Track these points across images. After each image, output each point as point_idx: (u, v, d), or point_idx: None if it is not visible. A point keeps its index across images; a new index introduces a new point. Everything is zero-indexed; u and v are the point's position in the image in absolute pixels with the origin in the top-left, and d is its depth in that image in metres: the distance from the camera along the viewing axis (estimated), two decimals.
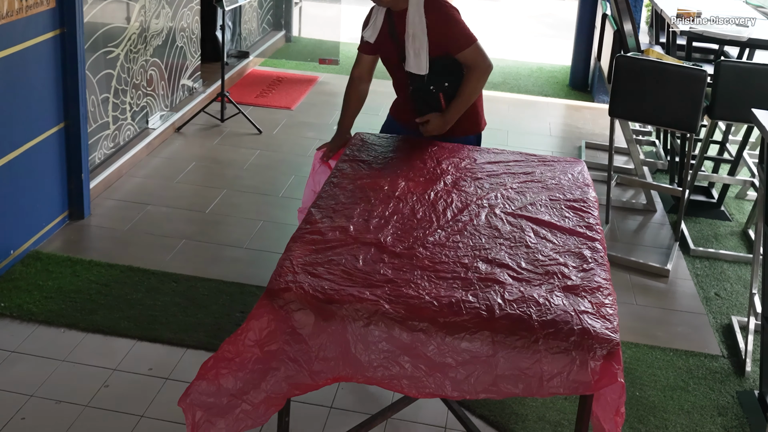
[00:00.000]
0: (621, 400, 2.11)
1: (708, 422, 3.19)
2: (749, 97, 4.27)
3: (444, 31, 3.28)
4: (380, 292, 2.18)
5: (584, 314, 2.15)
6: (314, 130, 6.07)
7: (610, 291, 2.30)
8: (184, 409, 2.22)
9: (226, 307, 3.69)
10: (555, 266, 2.40)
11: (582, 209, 2.80)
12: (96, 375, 3.19)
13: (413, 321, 2.11)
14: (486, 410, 3.14)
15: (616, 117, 4.64)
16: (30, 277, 3.79)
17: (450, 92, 3.37)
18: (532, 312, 2.15)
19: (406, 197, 2.80)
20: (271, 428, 2.94)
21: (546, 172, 3.07)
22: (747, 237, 4.82)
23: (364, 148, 3.28)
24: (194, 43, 6.22)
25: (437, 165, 3.11)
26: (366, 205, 2.72)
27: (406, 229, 2.57)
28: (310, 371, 2.15)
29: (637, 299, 4.07)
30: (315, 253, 2.37)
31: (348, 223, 2.57)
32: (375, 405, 3.14)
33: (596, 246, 2.55)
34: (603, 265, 2.44)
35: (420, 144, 3.33)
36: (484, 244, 2.51)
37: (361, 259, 2.36)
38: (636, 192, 5.39)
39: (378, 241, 2.47)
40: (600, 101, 7.35)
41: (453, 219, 2.66)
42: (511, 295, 2.22)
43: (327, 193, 2.81)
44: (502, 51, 9.24)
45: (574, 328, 2.09)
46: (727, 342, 3.75)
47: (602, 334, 2.08)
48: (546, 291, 2.26)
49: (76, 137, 4.27)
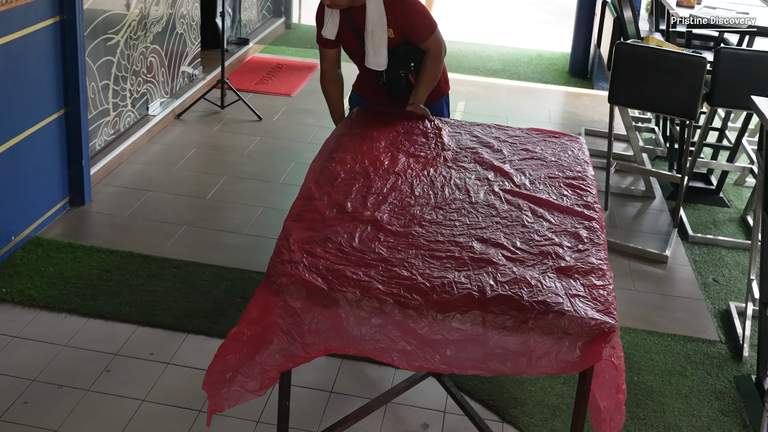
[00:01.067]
0: (620, 378, 2.12)
1: (705, 407, 3.22)
2: (749, 84, 4.27)
3: (407, 23, 3.35)
4: (374, 273, 2.20)
5: (576, 297, 2.17)
6: (314, 116, 6.07)
7: (603, 272, 2.30)
8: (206, 391, 2.25)
9: (227, 292, 3.70)
10: (550, 246, 2.41)
11: (581, 187, 2.80)
12: (97, 360, 3.21)
13: (405, 300, 2.12)
14: (485, 395, 3.16)
15: (616, 104, 4.64)
16: (31, 263, 3.80)
17: (416, 70, 3.45)
18: (524, 293, 2.17)
19: (405, 173, 2.82)
20: (271, 412, 2.97)
21: (546, 148, 3.08)
22: (745, 223, 4.83)
23: (365, 121, 3.28)
24: (194, 30, 6.21)
25: (438, 139, 3.11)
26: (365, 181, 2.73)
27: (404, 206, 2.59)
28: (302, 343, 2.17)
29: (636, 285, 4.09)
30: (312, 231, 2.39)
31: (346, 200, 2.60)
32: (375, 389, 3.16)
33: (593, 225, 2.55)
34: (599, 245, 2.44)
35: (422, 118, 3.34)
36: (480, 222, 2.52)
37: (357, 237, 2.38)
38: (635, 179, 5.40)
39: (375, 219, 2.49)
40: (600, 88, 7.35)
41: (451, 196, 2.68)
42: (504, 276, 2.24)
43: (326, 168, 2.83)
44: (501, 38, 9.23)
45: (564, 311, 2.10)
46: (724, 327, 3.77)
47: (592, 317, 2.09)
48: (539, 272, 2.27)
49: (77, 124, 4.28)
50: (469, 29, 9.70)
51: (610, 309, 2.14)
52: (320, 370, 3.26)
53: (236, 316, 3.54)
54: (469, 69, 7.81)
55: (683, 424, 3.11)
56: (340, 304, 2.13)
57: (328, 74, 3.66)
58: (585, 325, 2.07)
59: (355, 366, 3.30)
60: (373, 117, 3.38)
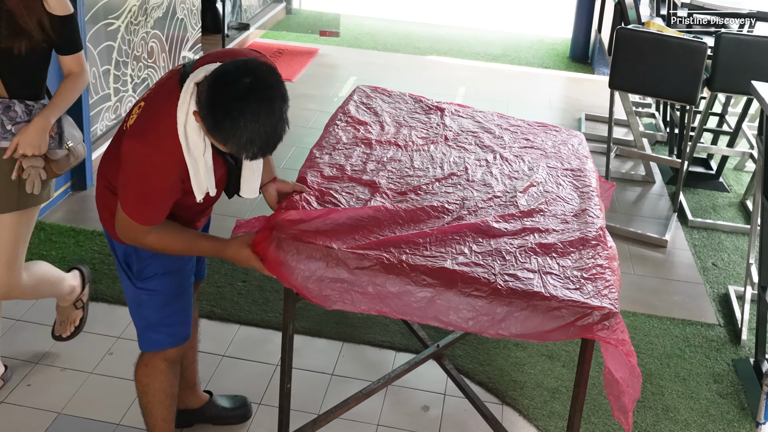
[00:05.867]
0: (625, 347, 2.13)
1: (704, 389, 3.24)
2: (749, 69, 4.28)
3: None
4: (357, 236, 2.26)
5: (548, 275, 2.20)
6: (315, 101, 6.08)
7: (580, 256, 2.32)
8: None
9: (228, 276, 3.72)
10: (536, 225, 2.44)
11: (578, 177, 2.82)
12: (100, 343, 3.24)
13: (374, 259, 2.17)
14: (484, 377, 3.19)
15: (616, 89, 4.65)
16: (33, 248, 3.82)
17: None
18: (496, 265, 2.20)
19: (406, 146, 2.86)
20: (273, 394, 2.99)
21: (547, 140, 3.09)
22: (745, 208, 4.85)
23: (372, 98, 3.28)
24: (195, 15, 6.20)
25: (441, 122, 3.13)
26: (366, 149, 2.80)
27: (402, 176, 2.64)
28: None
29: (636, 269, 4.11)
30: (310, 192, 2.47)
31: (346, 163, 2.67)
32: (375, 372, 3.18)
33: (587, 212, 2.56)
34: (587, 230, 2.44)
35: (425, 102, 3.35)
36: (475, 197, 2.55)
37: (353, 199, 2.46)
38: (635, 163, 5.41)
39: (372, 182, 2.56)
40: (600, 73, 7.34)
41: (450, 172, 2.70)
42: (480, 247, 2.27)
43: (331, 135, 2.89)
44: (502, 22, 9.22)
45: (534, 287, 2.13)
46: (723, 311, 3.79)
47: (561, 295, 2.12)
48: (517, 247, 2.30)
49: (78, 109, 4.28)
50: (470, 14, 9.68)
51: (579, 287, 2.16)
52: (321, 353, 3.29)
53: (237, 300, 3.56)
54: (470, 54, 7.80)
55: (682, 406, 3.14)
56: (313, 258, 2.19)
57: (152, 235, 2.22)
58: (554, 300, 2.11)
59: (355, 349, 3.33)
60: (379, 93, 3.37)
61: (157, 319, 2.40)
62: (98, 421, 2.85)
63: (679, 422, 3.05)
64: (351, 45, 7.79)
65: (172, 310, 2.41)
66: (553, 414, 3.03)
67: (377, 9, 9.38)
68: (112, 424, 2.85)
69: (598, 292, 2.16)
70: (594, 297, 2.13)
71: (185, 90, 2.05)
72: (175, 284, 2.40)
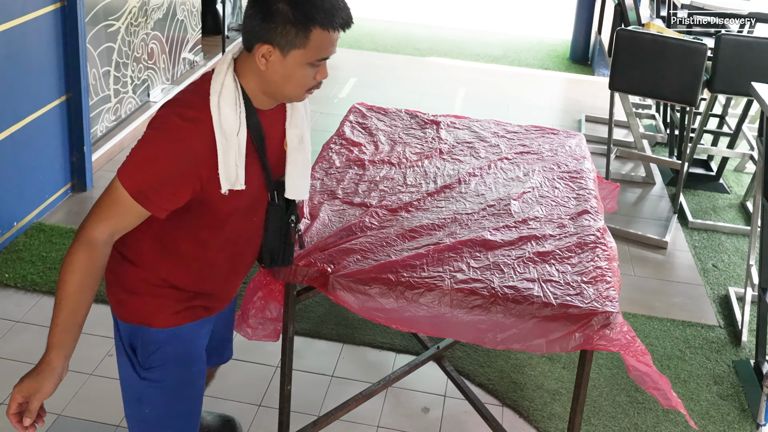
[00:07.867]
0: (632, 344, 2.13)
1: (704, 391, 3.24)
2: (749, 71, 4.27)
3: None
4: (352, 259, 2.26)
5: (548, 282, 2.20)
6: (315, 103, 6.07)
7: (579, 260, 2.32)
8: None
9: None
10: (532, 232, 2.44)
11: (574, 179, 2.82)
12: (100, 344, 3.23)
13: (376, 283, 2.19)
14: (485, 379, 3.19)
15: (616, 90, 4.65)
16: (34, 249, 3.82)
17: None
18: (495, 279, 2.20)
19: (400, 164, 2.86)
20: (273, 396, 2.99)
21: (544, 144, 3.10)
22: (745, 209, 4.85)
23: (367, 117, 3.29)
24: (195, 16, 6.21)
25: (437, 135, 3.13)
26: (359, 170, 2.80)
27: (395, 193, 2.64)
28: None
29: (636, 270, 4.11)
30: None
31: (337, 187, 2.68)
32: (376, 374, 3.18)
33: (584, 214, 2.56)
34: (584, 233, 2.44)
35: (421, 117, 3.35)
36: (467, 209, 2.55)
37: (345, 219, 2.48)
38: (635, 165, 5.41)
39: (363, 203, 2.57)
40: (600, 75, 7.34)
41: (442, 185, 2.71)
42: (478, 262, 2.28)
43: (324, 159, 2.90)
44: (502, 23, 9.22)
45: (534, 296, 2.14)
46: (723, 312, 3.79)
47: (562, 300, 2.13)
48: (514, 258, 2.30)
49: (78, 110, 4.29)
50: (470, 15, 9.69)
51: (579, 292, 2.16)
52: (321, 355, 3.29)
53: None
54: (470, 55, 7.80)
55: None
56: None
57: (102, 252, 1.90)
58: (553, 308, 2.12)
59: (356, 351, 3.33)
60: (375, 111, 3.38)
61: (157, 420, 2.06)
62: (98, 422, 2.85)
63: (679, 424, 3.05)
64: (351, 46, 7.79)
65: (177, 410, 2.08)
66: (553, 416, 3.03)
67: (377, 10, 9.39)
68: (112, 425, 2.84)
69: (600, 294, 2.16)
70: (595, 301, 2.13)
71: (222, 61, 1.86)
72: (184, 378, 2.06)
